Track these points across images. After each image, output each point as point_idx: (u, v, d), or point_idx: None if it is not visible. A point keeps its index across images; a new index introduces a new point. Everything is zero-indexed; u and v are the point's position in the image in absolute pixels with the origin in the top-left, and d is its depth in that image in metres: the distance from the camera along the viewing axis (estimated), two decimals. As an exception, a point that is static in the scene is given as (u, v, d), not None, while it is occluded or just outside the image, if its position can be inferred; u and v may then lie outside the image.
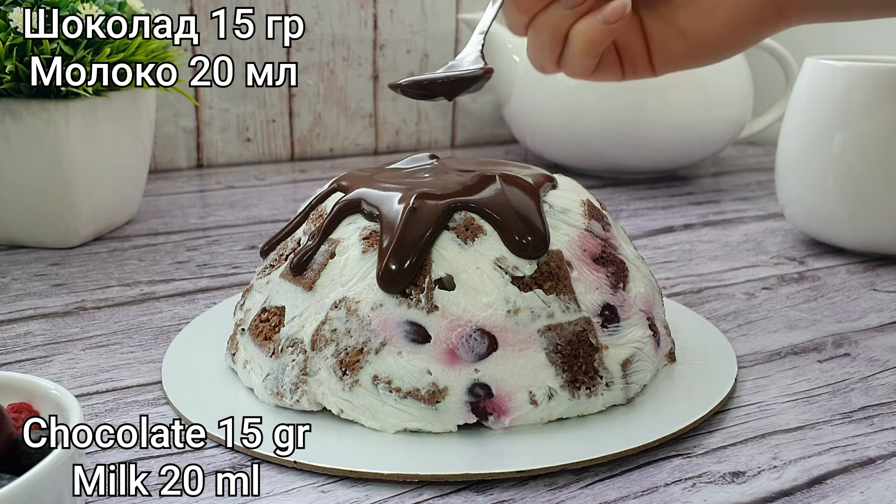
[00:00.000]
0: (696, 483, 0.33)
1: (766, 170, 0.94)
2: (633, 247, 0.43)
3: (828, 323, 0.49)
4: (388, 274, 0.35)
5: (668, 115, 0.81)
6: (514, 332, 0.35)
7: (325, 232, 0.38)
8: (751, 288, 0.55)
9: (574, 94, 0.82)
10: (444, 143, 1.06)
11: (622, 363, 0.37)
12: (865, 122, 0.57)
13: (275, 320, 0.38)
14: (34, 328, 0.47)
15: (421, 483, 0.32)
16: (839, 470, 0.34)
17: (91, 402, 0.39)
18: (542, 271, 0.36)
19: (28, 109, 0.56)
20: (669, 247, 0.64)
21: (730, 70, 0.84)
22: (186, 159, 0.92)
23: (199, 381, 0.40)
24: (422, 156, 0.46)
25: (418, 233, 0.36)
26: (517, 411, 0.35)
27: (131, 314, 0.49)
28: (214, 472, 0.33)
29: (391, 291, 0.35)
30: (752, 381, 0.41)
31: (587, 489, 0.32)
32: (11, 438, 0.25)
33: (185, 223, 0.69)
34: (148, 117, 0.67)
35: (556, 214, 0.39)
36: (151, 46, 0.61)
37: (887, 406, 0.39)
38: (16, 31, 0.54)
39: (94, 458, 0.34)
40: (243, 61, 0.91)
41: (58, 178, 0.58)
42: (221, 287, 0.54)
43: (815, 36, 0.99)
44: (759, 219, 0.73)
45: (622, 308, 0.38)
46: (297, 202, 0.77)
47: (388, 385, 0.35)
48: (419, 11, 0.99)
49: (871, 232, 0.59)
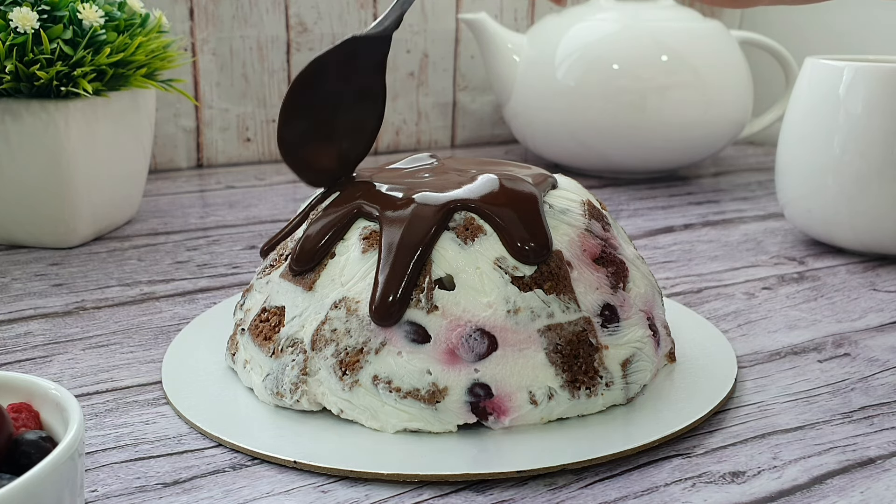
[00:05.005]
0: (696, 483, 0.33)
1: (766, 170, 0.94)
2: (633, 247, 0.43)
3: (828, 323, 0.49)
4: (382, 307, 0.35)
5: (668, 115, 0.81)
6: (514, 332, 0.35)
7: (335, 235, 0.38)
8: (751, 288, 0.55)
9: (574, 94, 0.82)
10: (444, 143, 1.06)
11: (622, 363, 0.37)
12: (865, 122, 0.57)
13: (275, 320, 0.38)
14: (34, 328, 0.47)
15: (421, 483, 0.32)
16: (839, 470, 0.34)
17: (91, 402, 0.39)
18: (542, 271, 0.36)
19: (28, 109, 0.56)
20: (669, 247, 0.64)
21: (730, 70, 0.84)
22: (186, 159, 0.92)
23: (199, 381, 0.40)
24: (422, 156, 0.46)
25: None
26: (517, 411, 0.35)
27: (131, 314, 0.49)
28: (214, 472, 0.33)
29: (384, 325, 0.35)
30: (752, 381, 0.41)
31: (587, 489, 0.32)
32: (11, 438, 0.25)
33: (185, 223, 0.69)
34: (148, 117, 0.67)
35: (556, 214, 0.39)
36: (151, 46, 0.61)
37: (887, 406, 0.39)
38: (16, 31, 0.54)
39: (94, 458, 0.34)
40: (243, 61, 0.91)
41: (58, 178, 0.58)
42: (221, 287, 0.54)
43: (815, 36, 1.00)
44: (759, 219, 0.73)
45: (622, 308, 0.38)
46: (297, 202, 0.77)
47: (388, 385, 0.35)
48: (419, 11, 0.99)
49: (871, 232, 0.59)
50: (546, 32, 0.87)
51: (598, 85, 0.82)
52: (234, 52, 0.91)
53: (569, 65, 0.83)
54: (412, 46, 1.00)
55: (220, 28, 0.89)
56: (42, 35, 0.54)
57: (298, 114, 0.39)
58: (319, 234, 0.38)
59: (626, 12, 0.84)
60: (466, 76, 1.04)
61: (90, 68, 0.56)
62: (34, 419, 0.27)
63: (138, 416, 0.37)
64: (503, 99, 0.90)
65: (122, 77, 0.60)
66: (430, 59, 1.02)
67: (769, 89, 0.99)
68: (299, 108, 0.39)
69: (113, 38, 0.58)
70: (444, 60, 1.02)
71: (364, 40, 0.39)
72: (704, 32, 0.84)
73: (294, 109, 0.39)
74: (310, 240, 0.38)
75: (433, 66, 1.02)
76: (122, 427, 0.36)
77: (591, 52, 0.82)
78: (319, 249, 0.38)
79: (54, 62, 0.55)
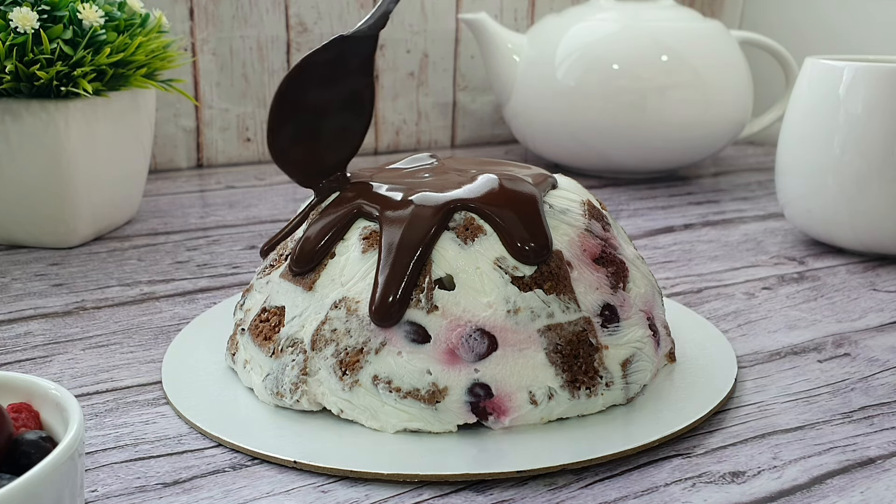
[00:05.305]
0: (696, 483, 0.33)
1: (766, 170, 0.94)
2: (633, 247, 0.43)
3: (828, 323, 0.49)
4: (382, 307, 0.35)
5: (668, 115, 0.81)
6: (513, 332, 0.35)
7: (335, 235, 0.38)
8: (751, 288, 0.55)
9: (574, 94, 0.82)
10: (444, 143, 1.06)
11: (622, 363, 0.37)
12: (865, 122, 0.57)
13: (275, 320, 0.38)
14: (34, 328, 0.47)
15: (421, 483, 0.32)
16: (839, 470, 0.34)
17: (91, 402, 0.39)
18: (542, 271, 0.36)
19: (28, 109, 0.56)
20: (669, 247, 0.64)
21: (730, 70, 0.84)
22: (186, 159, 0.92)
23: (199, 381, 0.40)
24: (422, 156, 0.46)
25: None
26: (517, 411, 0.35)
27: (131, 314, 0.49)
28: (214, 472, 0.33)
29: (384, 326, 0.35)
30: (752, 381, 0.41)
31: (587, 489, 0.32)
32: (11, 438, 0.25)
33: (185, 223, 0.69)
34: (148, 117, 0.67)
35: (556, 214, 0.39)
36: (151, 46, 0.61)
37: (887, 406, 0.39)
38: (16, 31, 0.54)
39: (94, 458, 0.34)
40: (243, 61, 0.91)
41: (58, 178, 0.58)
42: (221, 287, 0.54)
43: (815, 36, 1.00)
44: (759, 219, 0.73)
45: (622, 308, 0.38)
46: (297, 202, 0.77)
47: (388, 385, 0.35)
48: (419, 11, 0.99)
49: (871, 232, 0.59)
50: (546, 32, 0.87)
51: (598, 85, 0.82)
52: (234, 52, 0.91)
53: (569, 65, 0.83)
54: (412, 46, 1.00)
55: (220, 28, 0.89)
56: (42, 35, 0.54)
57: (288, 113, 0.39)
58: (319, 234, 0.38)
59: (626, 12, 0.84)
60: (466, 76, 1.04)
61: (90, 68, 0.56)
62: (34, 419, 0.27)
63: (138, 416, 0.37)
64: (503, 99, 0.90)
65: (122, 77, 0.60)
66: (430, 59, 1.02)
67: (769, 89, 0.99)
68: (288, 107, 0.39)
69: (113, 38, 0.58)
70: (444, 60, 1.02)
71: (351, 40, 0.40)
72: (704, 32, 0.84)
73: (283, 109, 0.39)
74: (309, 241, 0.38)
75: (433, 66, 1.02)
76: (122, 427, 0.36)
77: (591, 52, 0.82)
78: (319, 251, 0.38)
79: (54, 62, 0.55)
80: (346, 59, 0.40)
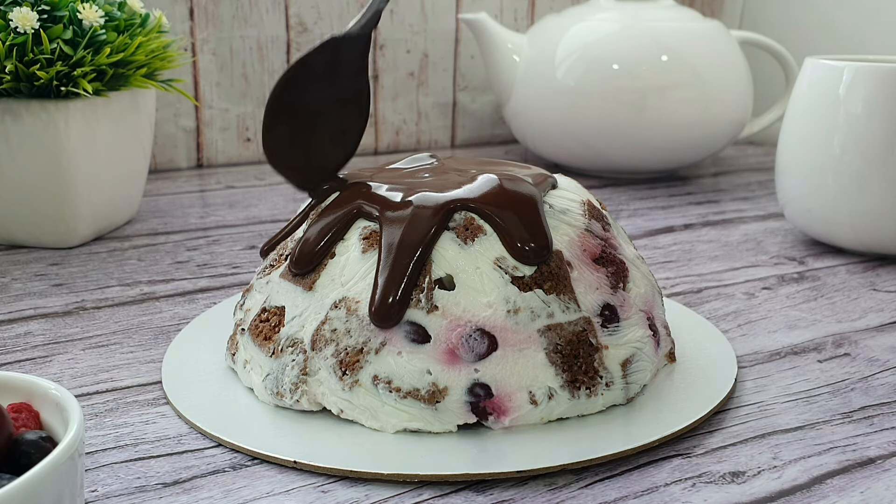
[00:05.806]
0: (696, 483, 0.33)
1: (766, 170, 0.94)
2: (633, 247, 0.43)
3: (828, 323, 0.49)
4: (382, 308, 0.35)
5: (668, 115, 0.81)
6: (513, 332, 0.35)
7: (335, 236, 0.38)
8: (751, 288, 0.55)
9: (574, 94, 0.82)
10: (444, 143, 1.06)
11: (622, 363, 0.37)
12: (865, 122, 0.57)
13: (275, 320, 0.38)
14: (34, 328, 0.47)
15: (421, 483, 0.32)
16: (839, 470, 0.34)
17: (91, 402, 0.39)
18: (542, 271, 0.36)
19: (28, 109, 0.56)
20: (669, 247, 0.64)
21: (730, 70, 0.84)
22: (186, 159, 0.92)
23: (199, 381, 0.40)
24: (422, 156, 0.46)
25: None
26: (517, 411, 0.35)
27: (131, 314, 0.49)
28: (214, 472, 0.33)
29: (384, 327, 0.35)
30: (752, 381, 0.41)
31: (587, 489, 0.32)
32: (11, 438, 0.25)
33: (185, 223, 0.69)
34: (148, 117, 0.67)
35: (556, 214, 0.39)
36: (151, 46, 0.61)
37: (887, 406, 0.39)
38: (16, 31, 0.54)
39: (94, 458, 0.34)
40: (243, 61, 0.91)
41: (58, 178, 0.58)
42: (221, 287, 0.54)
43: (815, 36, 1.00)
44: (759, 219, 0.73)
45: (622, 308, 0.38)
46: (297, 202, 0.77)
47: (388, 385, 0.35)
48: (419, 11, 0.99)
49: (871, 232, 0.59)
50: (546, 32, 0.87)
51: (598, 85, 0.82)
52: (234, 52, 0.91)
53: (569, 65, 0.83)
54: (412, 46, 1.00)
55: (220, 28, 0.89)
56: (42, 35, 0.54)
57: (283, 116, 0.39)
58: (319, 235, 0.38)
59: (626, 12, 0.84)
60: (466, 76, 1.04)
61: (90, 68, 0.56)
62: (34, 419, 0.27)
63: (138, 416, 0.37)
64: (503, 99, 0.90)
65: (122, 77, 0.60)
66: (430, 59, 1.02)
67: (769, 89, 0.99)
68: (283, 111, 0.39)
69: (113, 38, 0.58)
70: (444, 60, 1.02)
71: (344, 40, 0.39)
72: (704, 32, 0.84)
73: (278, 113, 0.39)
74: (309, 242, 0.38)
75: (433, 66, 1.02)
76: (122, 427, 0.36)
77: (591, 52, 0.82)
78: (319, 251, 0.38)
79: (54, 62, 0.55)
80: (339, 60, 0.40)
